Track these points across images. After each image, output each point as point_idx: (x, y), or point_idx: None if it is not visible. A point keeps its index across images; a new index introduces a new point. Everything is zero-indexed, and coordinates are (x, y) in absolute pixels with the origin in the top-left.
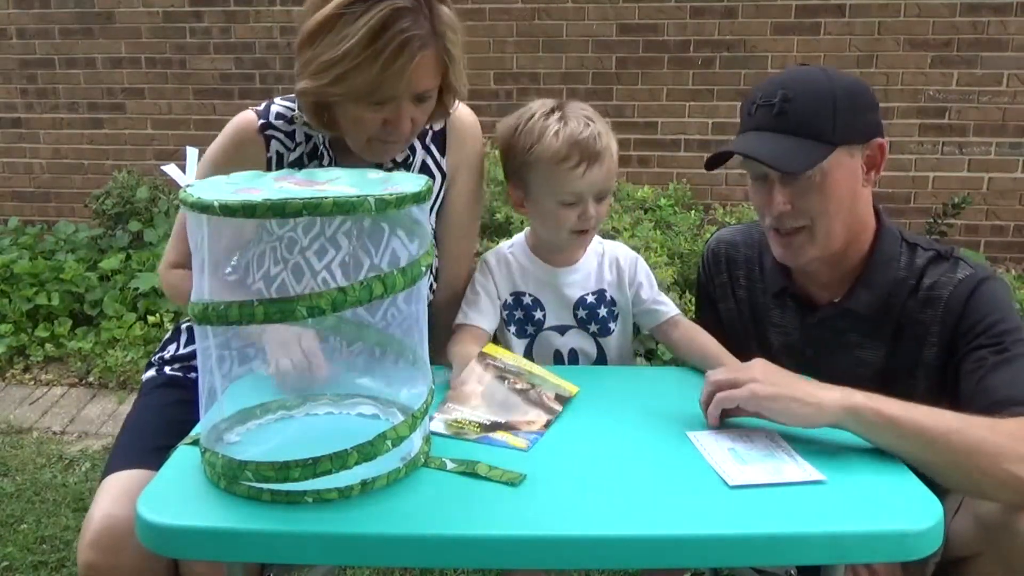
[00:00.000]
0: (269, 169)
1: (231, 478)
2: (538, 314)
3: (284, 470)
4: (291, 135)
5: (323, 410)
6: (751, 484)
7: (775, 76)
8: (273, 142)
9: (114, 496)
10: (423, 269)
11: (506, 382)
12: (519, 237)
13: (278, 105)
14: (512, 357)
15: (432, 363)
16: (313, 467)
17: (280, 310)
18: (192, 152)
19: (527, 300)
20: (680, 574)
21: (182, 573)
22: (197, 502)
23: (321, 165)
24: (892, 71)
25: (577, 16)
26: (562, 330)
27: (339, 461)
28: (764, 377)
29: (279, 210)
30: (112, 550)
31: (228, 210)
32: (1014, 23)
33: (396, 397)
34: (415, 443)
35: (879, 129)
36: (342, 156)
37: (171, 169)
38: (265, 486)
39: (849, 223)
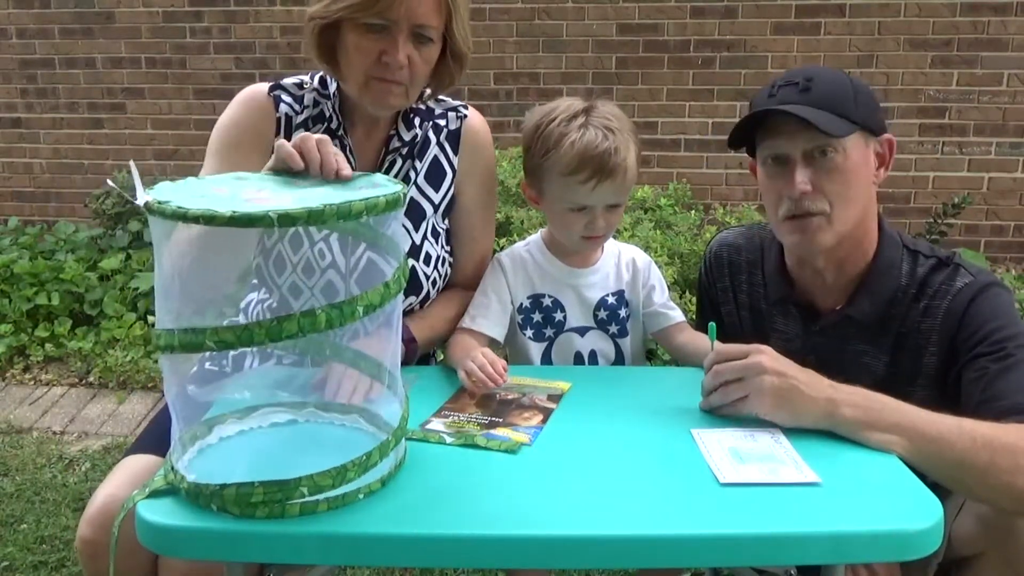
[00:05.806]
0: (278, 132)
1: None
2: (558, 315)
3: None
4: (299, 99)
5: (234, 429)
6: (742, 483)
7: (787, 70)
8: (282, 105)
9: (121, 478)
10: (404, 280)
11: (496, 396)
12: (535, 237)
13: (289, 78)
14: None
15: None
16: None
17: (279, 330)
18: (135, 168)
19: (547, 302)
20: (679, 574)
21: (160, 563)
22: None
23: (329, 129)
24: (892, 71)
25: (577, 16)
26: (582, 331)
27: (339, 476)
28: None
29: (287, 221)
30: (107, 529)
31: (239, 221)
32: (1014, 23)
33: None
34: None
35: (887, 129)
36: (349, 121)
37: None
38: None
39: (861, 215)
